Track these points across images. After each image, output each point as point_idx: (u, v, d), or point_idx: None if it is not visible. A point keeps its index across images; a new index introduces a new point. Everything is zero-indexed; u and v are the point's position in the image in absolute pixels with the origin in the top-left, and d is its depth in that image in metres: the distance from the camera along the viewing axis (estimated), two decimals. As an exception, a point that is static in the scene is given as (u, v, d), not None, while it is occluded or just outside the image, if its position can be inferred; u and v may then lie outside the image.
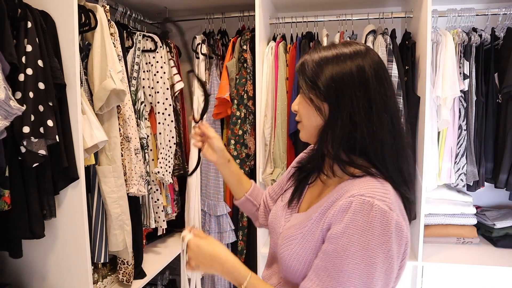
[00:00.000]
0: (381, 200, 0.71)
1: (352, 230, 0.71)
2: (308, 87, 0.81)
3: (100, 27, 1.49)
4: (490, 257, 1.85)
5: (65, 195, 1.41)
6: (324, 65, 0.79)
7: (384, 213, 0.70)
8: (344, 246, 0.71)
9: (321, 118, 0.80)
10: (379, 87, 0.77)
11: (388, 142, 0.77)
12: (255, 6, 1.83)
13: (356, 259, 0.70)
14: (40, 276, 1.48)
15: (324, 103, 0.79)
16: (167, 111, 1.88)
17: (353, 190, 0.75)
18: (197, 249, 0.86)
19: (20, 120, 1.18)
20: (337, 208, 0.74)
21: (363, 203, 0.71)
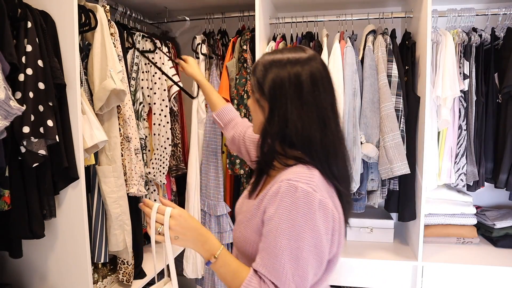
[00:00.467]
0: (305, 183, 0.82)
1: (281, 211, 0.82)
2: (255, 87, 0.94)
3: (100, 27, 1.49)
4: (490, 257, 1.85)
5: (65, 195, 1.41)
6: (269, 69, 0.91)
7: (307, 193, 0.81)
8: (276, 226, 0.82)
9: (263, 115, 0.93)
10: (313, 92, 0.87)
11: (317, 138, 0.87)
12: (255, 6, 1.83)
13: (286, 235, 0.80)
14: (40, 276, 1.48)
15: (266, 102, 0.91)
16: (163, 112, 1.89)
17: (283, 176, 0.86)
18: (182, 220, 0.87)
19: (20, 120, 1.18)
20: (270, 193, 0.86)
21: (289, 186, 0.82)
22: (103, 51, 1.49)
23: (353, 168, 1.75)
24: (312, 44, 1.95)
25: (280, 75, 0.88)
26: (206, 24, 2.23)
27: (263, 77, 0.91)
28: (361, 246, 2.02)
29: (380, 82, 1.77)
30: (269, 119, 0.90)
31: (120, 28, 1.69)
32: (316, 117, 0.87)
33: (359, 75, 1.81)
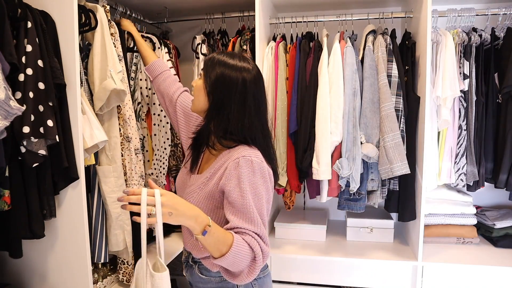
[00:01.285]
0: (256, 157, 1.11)
1: (243, 178, 1.07)
2: (205, 76, 1.15)
3: (100, 27, 1.49)
4: (490, 257, 1.85)
5: (65, 195, 1.41)
6: (221, 67, 1.13)
7: (260, 163, 1.11)
8: (242, 190, 1.06)
9: (207, 103, 1.15)
10: (254, 98, 1.14)
11: (259, 132, 1.17)
12: (255, 6, 1.83)
13: (251, 195, 1.06)
14: (40, 276, 1.47)
15: (211, 93, 1.13)
16: (162, 113, 1.88)
17: (236, 155, 1.11)
18: (171, 196, 0.96)
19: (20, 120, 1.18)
20: (228, 169, 1.10)
21: (247, 160, 1.09)
22: (103, 51, 1.48)
23: (353, 168, 1.76)
24: (312, 44, 1.96)
25: (230, 75, 1.12)
26: (206, 24, 2.23)
27: (212, 70, 1.13)
28: (361, 246, 2.02)
29: (380, 82, 1.77)
30: (214, 110, 1.14)
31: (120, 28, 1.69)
32: (257, 118, 1.15)
33: (359, 75, 1.81)
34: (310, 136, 1.83)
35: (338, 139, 1.78)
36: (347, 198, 1.85)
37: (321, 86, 1.79)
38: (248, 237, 1.03)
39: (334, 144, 1.79)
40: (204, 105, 1.16)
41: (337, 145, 1.80)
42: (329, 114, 1.77)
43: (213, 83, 1.13)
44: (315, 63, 1.87)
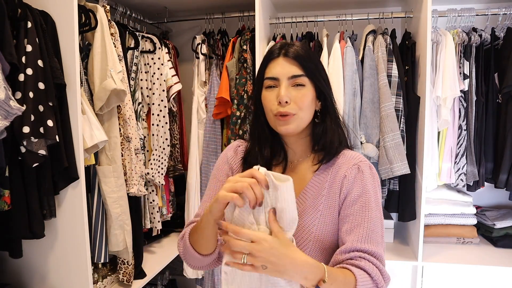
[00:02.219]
0: (367, 161, 0.98)
1: (368, 187, 0.92)
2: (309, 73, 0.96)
3: (100, 27, 1.49)
4: (490, 257, 1.85)
5: (65, 195, 1.41)
6: (315, 55, 1.02)
7: (374, 168, 0.97)
8: (368, 200, 0.90)
9: (313, 110, 0.98)
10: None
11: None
12: (255, 6, 1.83)
13: (375, 208, 0.91)
14: (40, 276, 1.47)
15: (324, 92, 0.99)
16: (162, 113, 1.88)
17: (351, 161, 0.96)
18: (266, 246, 0.73)
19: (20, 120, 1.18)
20: (348, 177, 0.93)
21: (367, 166, 0.95)
22: (103, 51, 1.49)
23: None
24: (312, 44, 1.96)
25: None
26: (206, 24, 2.23)
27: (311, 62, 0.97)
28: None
29: (380, 82, 1.77)
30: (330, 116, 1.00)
31: (120, 28, 1.69)
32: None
33: (359, 75, 1.81)
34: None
35: (338, 139, 1.78)
36: (347, 198, 1.85)
37: (321, 86, 1.79)
38: (366, 262, 0.83)
39: (334, 144, 1.79)
40: (311, 115, 0.96)
41: (337, 145, 1.80)
42: (329, 114, 1.77)
43: (323, 79, 0.97)
44: (315, 63, 1.86)
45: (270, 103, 0.94)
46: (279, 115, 0.92)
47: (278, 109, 0.92)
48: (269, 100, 0.94)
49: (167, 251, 2.06)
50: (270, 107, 0.94)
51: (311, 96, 0.94)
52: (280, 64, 0.93)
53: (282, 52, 0.94)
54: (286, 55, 0.93)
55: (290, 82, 0.92)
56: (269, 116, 0.96)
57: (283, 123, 0.93)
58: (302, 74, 0.92)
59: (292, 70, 0.92)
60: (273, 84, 0.94)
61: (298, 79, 0.92)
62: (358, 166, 0.94)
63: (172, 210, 2.14)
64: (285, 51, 0.94)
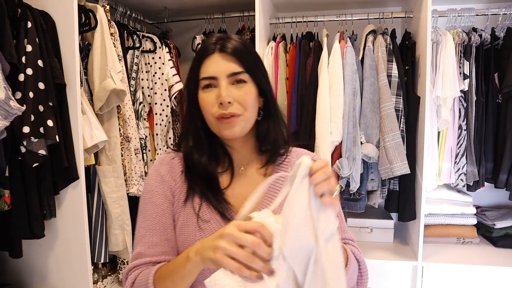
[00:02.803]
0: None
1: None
2: (249, 69, 0.86)
3: (100, 27, 1.49)
4: (490, 257, 1.85)
5: (65, 195, 1.41)
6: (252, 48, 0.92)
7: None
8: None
9: (257, 108, 0.88)
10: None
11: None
12: (255, 6, 1.83)
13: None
14: (40, 276, 1.47)
15: (266, 89, 0.89)
16: (164, 112, 1.88)
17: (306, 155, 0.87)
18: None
19: (20, 120, 1.18)
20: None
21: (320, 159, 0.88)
22: (103, 51, 1.49)
23: (353, 168, 1.75)
24: (312, 44, 1.95)
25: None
26: (206, 24, 2.23)
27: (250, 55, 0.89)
28: (361, 246, 1.99)
29: (380, 82, 1.77)
30: (272, 114, 0.92)
31: (120, 28, 1.69)
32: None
33: (359, 75, 1.81)
34: (310, 136, 1.83)
35: (338, 139, 1.78)
36: (347, 198, 1.85)
37: (321, 86, 1.79)
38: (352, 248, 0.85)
39: (334, 144, 1.79)
40: (255, 114, 0.87)
41: (337, 145, 1.80)
42: (329, 114, 1.77)
43: (262, 74, 0.87)
44: (315, 63, 1.86)
45: (210, 106, 0.82)
46: (222, 117, 0.81)
47: (220, 111, 0.81)
48: (208, 102, 0.82)
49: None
50: (210, 110, 0.82)
51: (254, 93, 0.85)
52: (216, 61, 0.82)
53: (218, 48, 0.83)
54: (223, 50, 0.82)
55: (230, 80, 0.82)
56: (210, 120, 0.84)
57: (227, 126, 0.82)
58: (242, 71, 0.82)
59: (231, 67, 0.82)
60: (211, 84, 0.82)
61: (239, 76, 0.82)
62: (314, 160, 0.86)
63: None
64: (221, 46, 0.83)
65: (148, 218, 0.85)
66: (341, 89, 1.77)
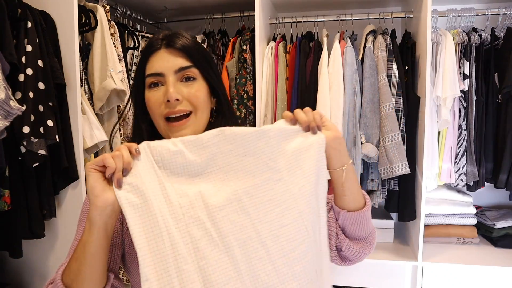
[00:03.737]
0: None
1: None
2: (198, 65, 0.82)
3: (100, 27, 1.49)
4: (490, 257, 1.85)
5: (65, 195, 1.41)
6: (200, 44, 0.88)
7: None
8: None
9: (210, 106, 0.84)
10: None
11: None
12: (255, 6, 1.83)
13: None
14: (40, 276, 1.48)
15: (217, 87, 0.85)
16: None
17: None
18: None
19: (20, 120, 1.18)
20: None
21: None
22: (103, 51, 1.49)
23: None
24: (312, 44, 1.95)
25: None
26: (206, 24, 2.22)
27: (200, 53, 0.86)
28: (361, 246, 2.02)
29: (380, 82, 1.77)
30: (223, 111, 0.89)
31: (120, 28, 1.69)
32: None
33: (359, 75, 1.81)
34: (310, 136, 1.83)
35: (338, 139, 1.78)
36: (347, 198, 1.85)
37: (321, 86, 1.79)
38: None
39: (334, 144, 1.79)
40: (208, 115, 0.82)
41: (337, 145, 1.80)
42: (329, 114, 1.77)
43: (214, 72, 0.83)
44: (315, 63, 1.87)
45: (156, 105, 0.76)
46: (169, 116, 0.76)
47: (167, 110, 0.75)
48: (154, 102, 0.76)
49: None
50: (157, 109, 0.76)
51: (205, 91, 0.79)
52: (163, 57, 0.77)
53: (164, 43, 0.78)
54: (170, 45, 0.78)
55: (178, 76, 0.77)
56: (158, 122, 0.78)
57: (177, 129, 0.76)
58: (190, 65, 0.78)
59: (178, 62, 0.77)
60: (157, 82, 0.77)
61: (187, 71, 0.77)
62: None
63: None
64: (167, 41, 0.78)
65: (75, 239, 0.77)
66: (341, 89, 1.77)
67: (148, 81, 0.77)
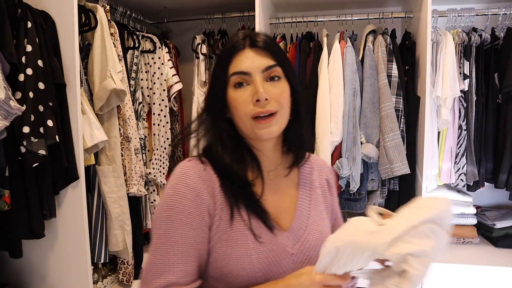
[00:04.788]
0: None
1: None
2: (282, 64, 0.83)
3: (100, 27, 1.49)
4: (490, 257, 1.85)
5: (65, 195, 1.41)
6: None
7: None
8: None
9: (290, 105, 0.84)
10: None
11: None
12: (255, 6, 1.83)
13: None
14: (40, 276, 1.48)
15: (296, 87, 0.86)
16: (163, 112, 1.89)
17: (323, 162, 0.97)
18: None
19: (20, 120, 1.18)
20: (330, 181, 0.94)
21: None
22: (103, 51, 1.49)
23: (353, 168, 1.75)
24: (312, 44, 1.95)
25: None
26: (206, 24, 2.22)
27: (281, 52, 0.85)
28: (361, 246, 2.01)
29: (380, 82, 1.77)
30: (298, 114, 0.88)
31: (120, 28, 1.69)
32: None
33: (359, 75, 1.81)
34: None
35: (338, 139, 1.78)
36: (347, 198, 1.85)
37: (321, 86, 1.79)
38: None
39: (334, 144, 1.79)
40: (289, 113, 0.82)
41: (337, 145, 1.80)
42: (329, 114, 1.77)
43: (294, 72, 0.83)
44: (315, 63, 1.87)
45: (244, 104, 0.76)
46: (258, 116, 0.75)
47: (257, 109, 0.75)
48: (242, 101, 0.76)
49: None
50: (245, 109, 0.76)
51: (288, 90, 0.80)
52: (248, 56, 0.77)
53: (248, 43, 0.78)
54: (254, 45, 0.77)
55: (264, 75, 0.77)
56: (243, 120, 0.77)
57: (265, 125, 0.76)
58: (275, 64, 0.77)
59: (264, 61, 0.77)
60: (243, 82, 0.77)
61: (273, 70, 0.77)
62: (329, 168, 0.98)
63: (173, 210, 2.14)
64: (251, 40, 0.78)
65: (181, 242, 0.72)
66: (341, 89, 1.77)
67: (233, 80, 0.77)
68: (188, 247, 0.72)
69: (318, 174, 0.92)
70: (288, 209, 0.84)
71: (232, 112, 0.78)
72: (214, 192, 0.76)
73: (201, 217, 0.74)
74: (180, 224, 0.73)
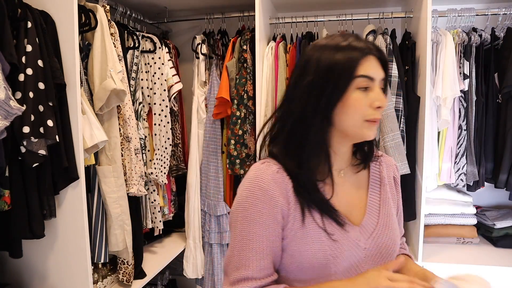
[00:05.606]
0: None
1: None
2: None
3: (100, 27, 1.49)
4: (490, 257, 1.85)
5: (65, 195, 1.41)
6: None
7: None
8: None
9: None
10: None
11: None
12: (255, 6, 1.83)
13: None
14: (40, 276, 1.47)
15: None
16: (163, 112, 1.89)
17: (390, 160, 1.03)
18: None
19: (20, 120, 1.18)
20: (396, 179, 1.03)
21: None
22: (103, 51, 1.49)
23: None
24: (312, 44, 1.95)
25: None
26: (206, 24, 2.23)
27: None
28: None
29: (380, 82, 1.77)
30: None
31: (120, 28, 1.69)
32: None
33: (359, 75, 1.81)
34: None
35: (338, 139, 1.78)
36: (347, 198, 1.85)
37: (321, 86, 1.79)
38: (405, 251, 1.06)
39: (334, 144, 1.79)
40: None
41: (337, 145, 1.80)
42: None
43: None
44: (315, 63, 1.86)
45: (363, 107, 0.81)
46: (372, 120, 0.82)
47: (375, 115, 0.82)
48: (362, 104, 0.81)
49: (168, 251, 2.06)
50: (364, 111, 0.81)
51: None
52: (375, 63, 0.83)
53: (375, 52, 0.83)
54: (376, 55, 0.83)
55: (381, 85, 0.84)
56: (355, 120, 0.82)
57: (374, 127, 0.84)
58: (386, 77, 0.86)
59: (382, 72, 0.84)
60: (367, 85, 0.82)
61: (384, 83, 0.86)
62: (396, 166, 1.04)
63: (173, 210, 2.14)
64: (376, 49, 0.84)
65: (256, 240, 0.80)
66: (341, 89, 1.77)
67: (359, 82, 0.81)
68: (262, 245, 0.80)
69: (386, 172, 0.98)
70: (359, 205, 0.90)
71: (345, 111, 0.82)
72: (287, 193, 0.82)
73: (274, 217, 0.81)
74: (255, 224, 0.80)
